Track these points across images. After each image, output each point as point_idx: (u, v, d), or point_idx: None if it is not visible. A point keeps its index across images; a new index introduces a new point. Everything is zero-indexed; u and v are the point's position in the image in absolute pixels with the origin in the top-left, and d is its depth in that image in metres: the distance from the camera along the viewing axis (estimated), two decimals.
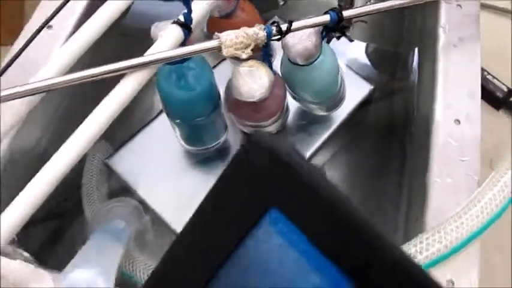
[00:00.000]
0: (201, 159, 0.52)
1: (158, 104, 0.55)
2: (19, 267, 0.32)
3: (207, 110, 0.45)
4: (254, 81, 0.38)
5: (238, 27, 0.37)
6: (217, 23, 0.45)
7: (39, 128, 0.46)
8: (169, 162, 0.51)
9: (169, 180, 0.50)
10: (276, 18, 0.58)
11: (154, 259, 0.42)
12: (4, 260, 0.30)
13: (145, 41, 0.38)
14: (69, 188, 0.46)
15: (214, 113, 0.45)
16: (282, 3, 0.59)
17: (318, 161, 0.54)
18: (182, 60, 0.38)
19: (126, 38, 0.52)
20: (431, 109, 0.42)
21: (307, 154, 0.51)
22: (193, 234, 0.20)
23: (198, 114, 0.45)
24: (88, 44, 0.37)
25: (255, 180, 0.18)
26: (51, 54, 0.45)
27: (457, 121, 0.41)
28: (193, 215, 0.19)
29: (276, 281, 0.17)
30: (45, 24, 0.34)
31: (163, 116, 0.52)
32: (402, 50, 0.62)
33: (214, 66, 0.54)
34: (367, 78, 0.54)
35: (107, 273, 0.34)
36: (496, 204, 0.35)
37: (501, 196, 0.35)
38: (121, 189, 0.51)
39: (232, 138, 0.52)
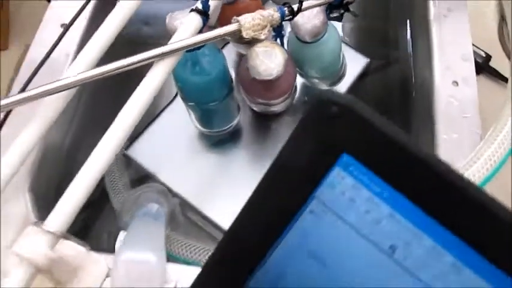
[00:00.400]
0: (215, 142, 0.54)
1: (168, 94, 0.57)
2: (77, 250, 0.34)
3: (222, 94, 0.47)
4: (271, 61, 0.40)
5: (243, 13, 0.39)
6: (223, 9, 0.47)
7: (63, 125, 0.47)
8: (185, 146, 0.53)
9: (187, 164, 0.52)
10: (270, 2, 0.60)
11: (188, 238, 0.44)
12: (64, 242, 0.32)
13: (151, 45, 0.38)
14: None
15: (228, 97, 0.48)
16: None
17: None
18: (199, 46, 0.41)
19: (130, 45, 0.53)
20: (431, 74, 0.46)
21: None
22: (269, 185, 0.22)
23: (213, 98, 0.47)
24: (112, 38, 0.38)
25: (325, 128, 0.20)
26: (66, 52, 0.46)
27: (455, 82, 0.45)
28: (269, 169, 0.22)
29: (349, 218, 0.20)
30: (71, 24, 0.36)
31: (176, 103, 0.54)
32: (389, 25, 0.65)
33: None
34: (362, 52, 0.57)
35: (158, 252, 0.36)
36: (500, 153, 0.39)
37: (504, 146, 0.39)
38: (141, 177, 0.52)
39: (243, 121, 0.54)
